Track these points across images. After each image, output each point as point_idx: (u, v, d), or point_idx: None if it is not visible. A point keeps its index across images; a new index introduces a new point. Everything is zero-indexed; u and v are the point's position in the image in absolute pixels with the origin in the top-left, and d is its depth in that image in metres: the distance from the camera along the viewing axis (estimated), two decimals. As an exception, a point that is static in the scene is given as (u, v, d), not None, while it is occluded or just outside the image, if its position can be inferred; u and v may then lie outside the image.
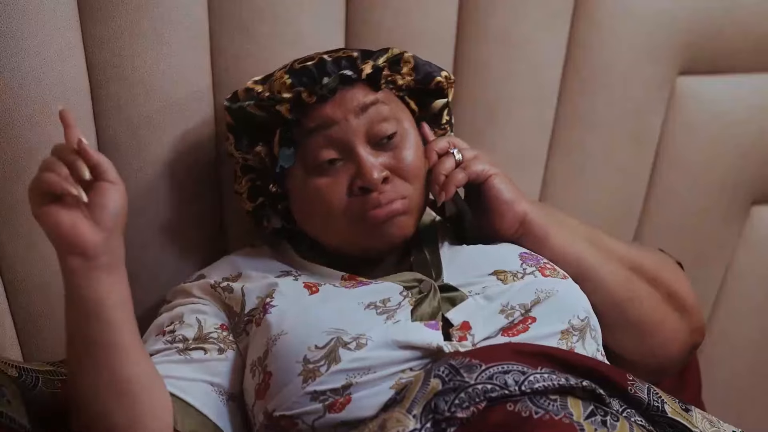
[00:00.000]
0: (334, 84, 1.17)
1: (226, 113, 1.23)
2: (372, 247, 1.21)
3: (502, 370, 1.00)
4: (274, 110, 1.18)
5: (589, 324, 1.16)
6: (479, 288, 1.15)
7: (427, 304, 1.13)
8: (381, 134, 1.19)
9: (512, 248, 1.21)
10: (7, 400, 1.07)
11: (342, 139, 1.18)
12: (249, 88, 1.22)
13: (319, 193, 1.18)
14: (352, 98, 1.18)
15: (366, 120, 1.18)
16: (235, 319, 1.19)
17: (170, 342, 1.16)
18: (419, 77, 1.24)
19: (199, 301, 1.21)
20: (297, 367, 1.07)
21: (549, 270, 1.18)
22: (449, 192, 1.20)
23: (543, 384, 0.99)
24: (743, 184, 1.61)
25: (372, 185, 1.16)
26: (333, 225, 1.19)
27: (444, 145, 1.23)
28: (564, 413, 0.95)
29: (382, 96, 1.20)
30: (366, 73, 1.19)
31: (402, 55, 1.22)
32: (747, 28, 1.54)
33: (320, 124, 1.18)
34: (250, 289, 1.19)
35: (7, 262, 1.23)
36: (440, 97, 1.27)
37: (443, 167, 1.21)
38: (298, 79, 1.18)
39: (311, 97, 1.17)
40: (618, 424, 0.96)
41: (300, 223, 1.25)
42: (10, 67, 1.18)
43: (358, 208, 1.17)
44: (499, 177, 1.22)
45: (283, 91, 1.18)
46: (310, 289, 1.18)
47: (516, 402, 0.96)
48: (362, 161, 1.16)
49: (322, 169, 1.18)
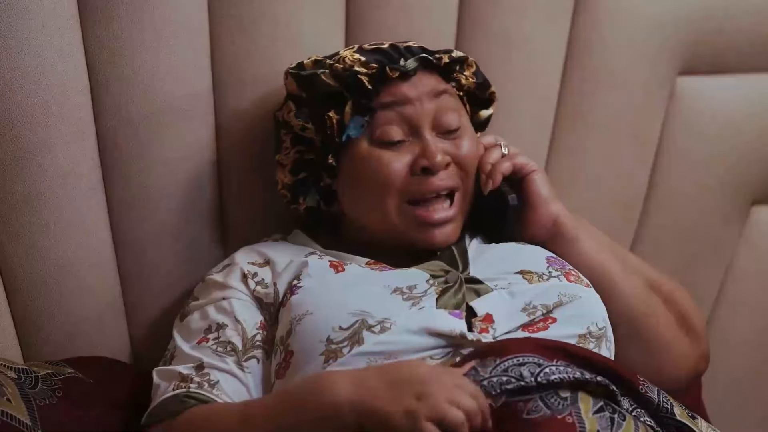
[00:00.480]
0: (415, 64, 1.21)
1: (291, 80, 1.24)
2: (411, 242, 1.22)
3: (517, 362, 1.01)
4: (353, 80, 1.20)
5: (606, 334, 1.17)
6: (504, 284, 1.17)
7: (452, 294, 1.14)
8: (446, 124, 1.22)
9: (540, 251, 1.23)
10: (8, 399, 1.07)
11: (413, 118, 1.21)
12: (318, 60, 1.24)
13: (381, 164, 1.20)
14: (428, 82, 1.22)
15: (436, 106, 1.22)
16: (270, 309, 1.19)
17: (222, 352, 1.16)
18: (479, 82, 1.28)
19: (233, 294, 1.20)
20: (320, 347, 1.09)
21: (573, 276, 1.20)
22: (496, 180, 1.24)
23: (558, 376, 0.99)
24: (743, 184, 1.61)
25: (435, 167, 1.19)
26: (384, 203, 1.20)
27: (491, 140, 1.29)
28: (571, 410, 0.95)
29: (450, 89, 1.25)
30: (444, 62, 1.23)
31: (466, 58, 1.27)
32: (747, 28, 1.54)
33: (395, 101, 1.21)
34: (282, 279, 1.20)
35: (7, 262, 1.23)
36: (485, 108, 1.32)
37: (490, 157, 1.26)
38: (372, 56, 1.21)
39: (394, 72, 1.20)
40: (624, 423, 0.96)
41: (344, 202, 1.26)
42: (10, 67, 1.18)
43: (416, 188, 1.20)
44: (540, 174, 1.26)
45: (357, 66, 1.20)
46: (336, 269, 1.19)
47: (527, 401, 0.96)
48: (428, 143, 1.20)
49: (387, 144, 1.21)
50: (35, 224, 1.23)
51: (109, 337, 1.33)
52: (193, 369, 1.14)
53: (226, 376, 1.14)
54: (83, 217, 1.26)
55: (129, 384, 1.26)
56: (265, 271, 1.22)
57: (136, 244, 1.32)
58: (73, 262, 1.26)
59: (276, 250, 1.25)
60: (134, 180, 1.29)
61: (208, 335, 1.18)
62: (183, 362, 1.16)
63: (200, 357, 1.15)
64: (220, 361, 1.15)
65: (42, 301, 1.25)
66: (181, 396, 1.12)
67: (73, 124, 1.24)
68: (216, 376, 1.14)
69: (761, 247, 1.66)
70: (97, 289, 1.29)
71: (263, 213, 1.38)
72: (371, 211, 1.23)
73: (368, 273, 1.18)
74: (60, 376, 1.19)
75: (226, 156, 1.36)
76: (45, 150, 1.22)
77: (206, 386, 1.13)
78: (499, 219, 1.27)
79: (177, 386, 1.13)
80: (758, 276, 1.67)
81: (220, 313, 1.19)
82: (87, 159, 1.26)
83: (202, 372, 1.14)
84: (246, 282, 1.21)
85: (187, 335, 1.19)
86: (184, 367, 1.15)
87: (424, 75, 1.22)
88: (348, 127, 1.21)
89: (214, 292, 1.22)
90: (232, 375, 1.15)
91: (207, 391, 1.12)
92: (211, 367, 1.14)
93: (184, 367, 1.15)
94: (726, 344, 1.68)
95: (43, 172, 1.22)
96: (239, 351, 1.16)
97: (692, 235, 1.62)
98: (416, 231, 1.21)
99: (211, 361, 1.15)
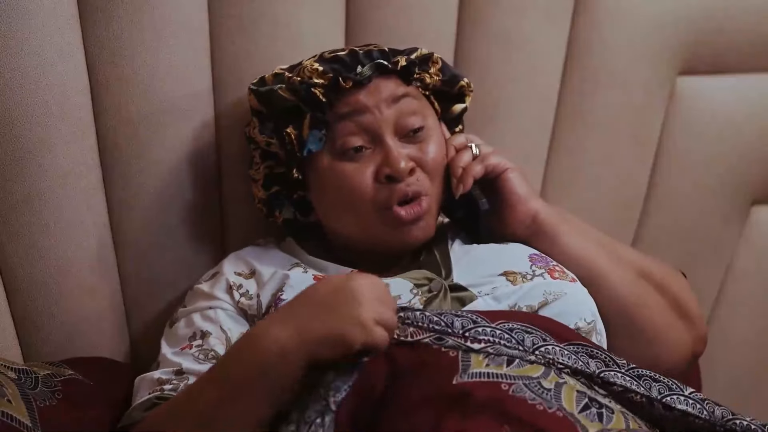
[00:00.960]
0: (370, 71, 1.19)
1: (252, 96, 1.24)
2: (390, 244, 1.21)
3: (453, 314, 1.02)
4: (307, 93, 1.18)
5: (596, 328, 1.17)
6: (489, 288, 1.15)
7: (437, 304, 1.13)
8: (409, 127, 1.20)
9: (522, 249, 1.22)
10: (8, 400, 1.07)
11: (372, 126, 1.19)
12: (277, 74, 1.23)
13: (345, 177, 1.19)
14: (385, 88, 1.20)
15: (396, 111, 1.20)
16: (254, 320, 1.19)
17: (203, 360, 1.15)
18: (445, 78, 1.26)
19: (219, 304, 1.20)
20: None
21: (558, 272, 1.19)
22: (467, 184, 1.22)
23: (487, 338, 1.00)
24: (743, 184, 1.61)
25: (399, 174, 1.17)
26: (356, 212, 1.20)
27: (462, 140, 1.26)
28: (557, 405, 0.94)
29: (413, 92, 1.22)
30: (400, 65, 1.20)
31: (431, 56, 1.25)
32: (747, 28, 1.53)
33: (352, 110, 1.19)
34: (265, 291, 1.19)
35: (7, 262, 1.23)
36: (458, 102, 1.29)
37: (461, 160, 1.23)
38: (330, 66, 1.19)
39: (347, 82, 1.18)
40: (614, 417, 0.95)
41: (319, 212, 1.25)
42: (10, 67, 1.18)
43: (384, 196, 1.18)
44: (514, 172, 1.24)
45: (315, 77, 1.19)
46: None
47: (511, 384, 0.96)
48: (390, 150, 1.18)
49: (349, 155, 1.19)
50: (35, 224, 1.23)
51: (108, 337, 1.33)
52: (172, 373, 1.15)
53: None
54: (83, 217, 1.26)
55: (128, 385, 1.26)
56: (251, 282, 1.22)
57: (136, 245, 1.32)
58: (73, 262, 1.26)
59: (263, 259, 1.25)
60: (134, 180, 1.29)
61: (192, 342, 1.18)
62: (164, 368, 1.17)
63: (180, 362, 1.15)
64: (200, 367, 1.14)
65: (42, 301, 1.25)
66: (152, 399, 1.12)
67: (73, 124, 1.24)
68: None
69: (761, 247, 1.66)
70: (97, 289, 1.29)
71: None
72: (345, 221, 1.22)
73: None
74: (60, 377, 1.19)
75: (226, 156, 1.35)
76: (45, 150, 1.21)
77: (181, 388, 1.12)
78: (473, 222, 1.26)
79: (153, 390, 1.14)
80: (758, 276, 1.67)
81: (205, 321, 1.19)
82: (87, 159, 1.26)
83: (180, 376, 1.14)
84: (231, 293, 1.21)
85: (172, 342, 1.20)
86: (164, 372, 1.15)
87: (381, 81, 1.20)
88: (307, 141, 1.20)
89: (201, 302, 1.22)
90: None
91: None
92: (191, 373, 1.14)
93: (163, 372, 1.15)
94: (726, 344, 1.68)
95: (43, 172, 1.22)
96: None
97: (692, 235, 1.62)
98: (393, 232, 1.20)
99: (191, 367, 1.14)
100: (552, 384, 0.97)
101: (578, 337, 1.07)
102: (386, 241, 1.21)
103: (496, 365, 0.98)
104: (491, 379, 0.96)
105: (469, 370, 0.97)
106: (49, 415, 1.11)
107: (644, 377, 1.03)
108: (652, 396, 1.02)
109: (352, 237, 1.23)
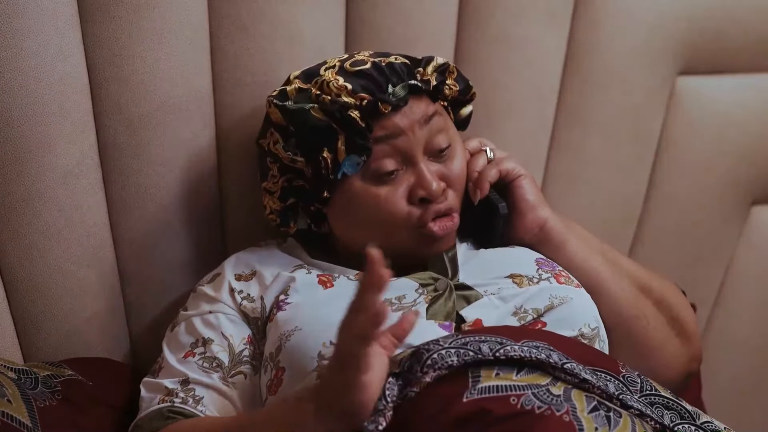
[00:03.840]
0: (403, 92, 1.17)
1: (276, 111, 1.19)
2: (415, 255, 1.20)
3: (478, 339, 1.00)
4: (343, 117, 1.15)
5: (599, 334, 1.17)
6: (494, 289, 1.16)
7: (443, 303, 1.14)
8: (438, 147, 1.19)
9: (529, 253, 1.23)
10: (8, 400, 1.07)
11: (406, 149, 1.17)
12: (302, 89, 1.19)
13: (379, 201, 1.17)
14: (417, 108, 1.18)
15: (427, 131, 1.18)
16: (257, 323, 1.19)
17: (207, 368, 1.16)
18: (462, 88, 1.25)
19: (220, 308, 1.20)
20: (312, 363, 1.08)
21: (564, 278, 1.19)
22: (484, 189, 1.22)
23: (519, 354, 0.98)
24: (743, 184, 1.61)
25: (433, 197, 1.17)
26: (387, 231, 1.18)
27: (476, 145, 1.26)
28: (567, 406, 0.94)
29: (438, 106, 1.21)
30: (432, 84, 1.19)
31: (448, 65, 1.23)
32: (747, 28, 1.54)
33: (389, 134, 1.17)
34: (269, 293, 1.19)
35: (7, 262, 1.23)
36: (464, 105, 1.29)
37: (476, 164, 1.23)
38: (358, 83, 1.16)
39: (386, 107, 1.15)
40: (621, 420, 0.95)
41: (337, 227, 1.23)
42: (10, 66, 1.18)
43: (418, 217, 1.18)
44: (527, 179, 1.24)
45: (344, 95, 1.16)
46: (324, 285, 1.18)
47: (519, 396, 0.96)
48: (423, 173, 1.17)
49: (382, 178, 1.18)
50: (35, 224, 1.23)
51: (108, 338, 1.33)
52: (179, 383, 1.15)
53: (211, 392, 1.14)
54: (83, 217, 1.26)
55: (128, 386, 1.26)
56: (252, 284, 1.21)
57: (136, 244, 1.32)
58: (73, 262, 1.26)
59: (264, 261, 1.24)
60: (134, 180, 1.29)
61: (195, 350, 1.18)
62: (169, 376, 1.17)
63: (186, 372, 1.15)
64: (206, 377, 1.15)
65: (42, 301, 1.25)
66: (164, 411, 1.13)
67: (73, 124, 1.24)
68: (201, 392, 1.14)
69: (761, 247, 1.66)
70: (97, 289, 1.29)
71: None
72: (371, 237, 1.18)
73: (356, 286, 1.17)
74: (60, 377, 1.19)
75: (226, 156, 1.35)
76: (45, 149, 1.21)
77: (191, 401, 1.13)
78: (488, 226, 1.26)
79: (162, 400, 1.14)
80: (758, 276, 1.67)
81: (207, 328, 1.19)
82: (87, 158, 1.26)
83: (187, 387, 1.14)
84: (233, 296, 1.21)
85: (174, 348, 1.19)
86: (170, 381, 1.15)
87: (414, 101, 1.18)
88: (343, 164, 1.17)
89: (202, 305, 1.22)
90: (217, 391, 1.15)
91: (191, 406, 1.13)
92: (197, 383, 1.14)
93: (169, 381, 1.15)
94: (726, 344, 1.69)
95: (43, 172, 1.22)
96: (225, 367, 1.16)
97: (692, 235, 1.62)
98: (423, 247, 1.19)
99: (196, 377, 1.15)
100: (561, 390, 0.97)
101: (599, 361, 1.06)
102: (414, 253, 1.20)
103: (505, 373, 0.98)
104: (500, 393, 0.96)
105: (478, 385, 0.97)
106: (49, 416, 1.11)
107: (656, 405, 1.03)
108: (664, 423, 1.02)
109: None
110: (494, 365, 0.99)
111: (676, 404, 1.04)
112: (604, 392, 1.00)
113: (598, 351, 1.14)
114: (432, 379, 0.98)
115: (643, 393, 1.04)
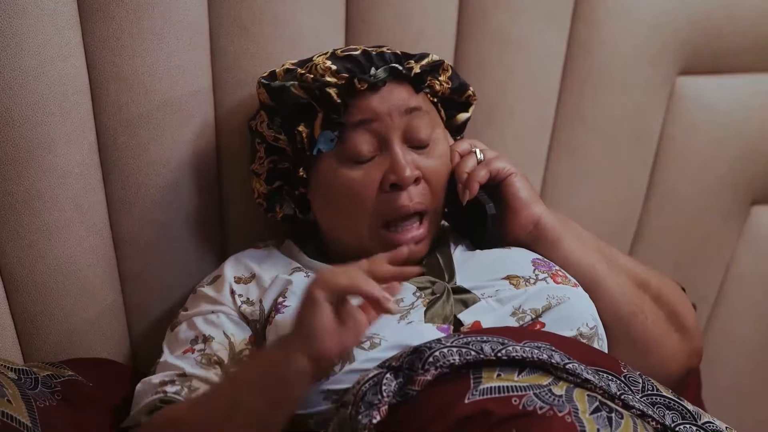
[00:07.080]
0: (384, 74, 1.18)
1: (263, 90, 1.22)
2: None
3: (480, 339, 1.00)
4: (321, 93, 1.17)
5: (597, 333, 1.17)
6: (492, 291, 1.16)
7: (441, 306, 1.13)
8: (416, 136, 1.20)
9: (525, 254, 1.22)
10: (8, 400, 1.07)
11: (382, 134, 1.18)
12: (289, 69, 1.22)
13: (351, 184, 1.18)
14: (398, 95, 1.19)
15: (407, 121, 1.19)
16: (256, 326, 1.19)
17: (206, 364, 1.15)
18: (454, 86, 1.25)
19: (222, 309, 1.20)
20: None
21: (561, 277, 1.19)
22: (473, 189, 1.21)
23: (521, 354, 0.99)
24: (743, 184, 1.61)
25: (404, 183, 1.17)
26: (354, 220, 1.19)
27: (466, 147, 1.25)
28: (569, 407, 0.94)
29: (423, 101, 1.21)
30: (414, 72, 1.20)
31: (442, 63, 1.24)
32: (747, 28, 1.54)
33: (366, 118, 1.18)
34: (267, 297, 1.19)
35: (7, 262, 1.23)
36: (463, 110, 1.29)
37: (466, 165, 1.23)
38: (343, 65, 1.18)
39: (362, 84, 1.17)
40: (623, 422, 0.95)
41: (316, 212, 1.25)
42: (10, 66, 1.18)
43: (385, 208, 1.18)
44: (518, 176, 1.23)
45: (328, 75, 1.17)
46: None
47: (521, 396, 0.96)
48: (398, 158, 1.17)
49: (357, 161, 1.19)
50: (35, 224, 1.23)
51: (108, 338, 1.33)
52: (175, 376, 1.15)
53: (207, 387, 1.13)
54: (83, 217, 1.26)
55: (127, 386, 1.26)
56: (251, 287, 1.22)
57: (136, 244, 1.32)
58: (73, 262, 1.26)
59: (263, 263, 1.25)
60: (134, 180, 1.29)
61: (194, 346, 1.17)
62: (166, 370, 1.16)
63: (183, 366, 1.15)
64: (203, 371, 1.14)
65: (42, 301, 1.25)
66: (156, 402, 1.13)
67: (73, 124, 1.24)
68: (197, 385, 1.13)
69: (761, 247, 1.66)
70: (97, 289, 1.29)
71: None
72: (343, 228, 1.22)
73: None
74: (60, 378, 1.19)
75: (226, 156, 1.35)
76: (45, 150, 1.21)
77: (185, 392, 1.13)
78: (479, 227, 1.25)
79: (155, 392, 1.14)
80: (758, 276, 1.67)
81: (208, 326, 1.19)
82: (87, 159, 1.26)
83: (183, 379, 1.14)
84: (234, 298, 1.21)
85: (173, 345, 1.19)
86: (166, 374, 1.15)
87: (394, 86, 1.19)
88: (318, 141, 1.19)
89: (204, 305, 1.22)
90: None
91: (185, 396, 1.12)
92: (194, 377, 1.14)
93: (165, 375, 1.15)
94: (726, 344, 1.69)
95: (43, 172, 1.22)
96: (225, 365, 1.16)
97: (692, 235, 1.62)
98: (386, 249, 1.18)
99: (194, 371, 1.14)
100: (563, 390, 0.97)
101: (601, 361, 1.06)
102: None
103: (507, 374, 0.98)
104: (502, 394, 0.96)
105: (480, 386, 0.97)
106: (49, 416, 1.11)
107: (658, 405, 1.03)
108: (666, 423, 1.02)
109: (344, 242, 1.23)
110: (495, 366, 0.99)
111: (678, 404, 1.04)
112: (606, 392, 1.00)
113: (599, 351, 1.14)
114: (433, 377, 0.98)
115: (644, 393, 1.04)
